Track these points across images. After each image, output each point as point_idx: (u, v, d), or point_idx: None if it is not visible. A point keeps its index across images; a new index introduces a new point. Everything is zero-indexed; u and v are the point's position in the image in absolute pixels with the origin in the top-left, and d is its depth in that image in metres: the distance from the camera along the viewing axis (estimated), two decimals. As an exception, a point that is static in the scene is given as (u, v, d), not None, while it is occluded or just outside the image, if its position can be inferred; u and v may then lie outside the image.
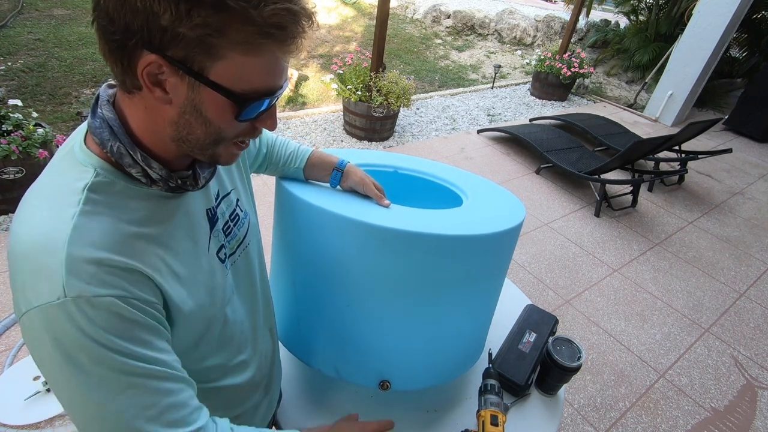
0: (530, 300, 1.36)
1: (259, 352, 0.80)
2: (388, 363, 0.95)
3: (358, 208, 0.86)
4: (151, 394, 0.48)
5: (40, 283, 0.44)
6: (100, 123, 0.50)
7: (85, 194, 0.48)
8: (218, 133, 0.51)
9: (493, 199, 1.08)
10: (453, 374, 1.04)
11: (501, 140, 4.52)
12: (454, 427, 1.01)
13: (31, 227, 0.46)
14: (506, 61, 7.16)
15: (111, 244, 0.47)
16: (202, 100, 0.47)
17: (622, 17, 7.64)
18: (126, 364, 0.46)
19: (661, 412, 2.03)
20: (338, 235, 0.84)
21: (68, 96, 3.89)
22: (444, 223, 0.86)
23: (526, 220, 3.31)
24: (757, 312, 2.74)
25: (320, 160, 0.94)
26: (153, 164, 0.52)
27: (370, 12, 7.28)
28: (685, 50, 5.36)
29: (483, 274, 0.93)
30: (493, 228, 0.87)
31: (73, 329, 0.44)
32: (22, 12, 5.16)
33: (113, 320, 0.45)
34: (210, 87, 0.46)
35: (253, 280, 0.78)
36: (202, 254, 0.60)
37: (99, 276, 0.45)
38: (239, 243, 0.72)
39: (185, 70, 0.45)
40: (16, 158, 2.34)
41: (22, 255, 0.45)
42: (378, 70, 3.87)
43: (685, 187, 4.19)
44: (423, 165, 1.22)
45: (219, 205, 0.67)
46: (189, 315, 0.56)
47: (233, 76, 0.46)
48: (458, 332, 0.98)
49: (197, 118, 0.49)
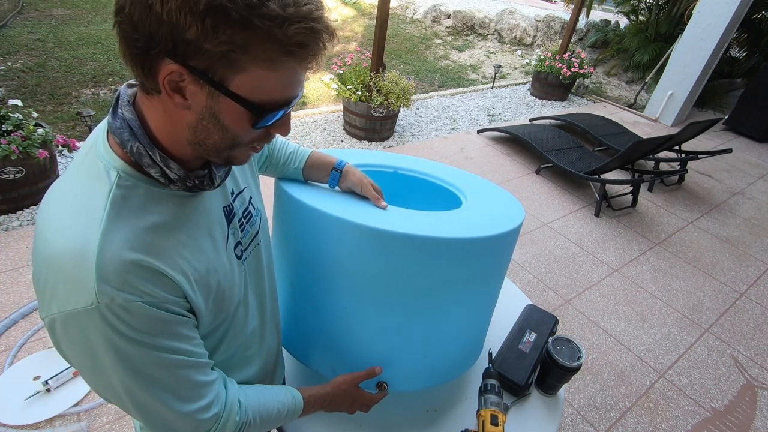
0: (530, 300, 1.36)
1: (265, 348, 0.81)
2: (385, 364, 0.95)
3: (354, 209, 0.86)
4: (179, 380, 0.55)
5: (73, 289, 0.46)
6: (120, 123, 0.51)
7: (110, 199, 0.49)
8: (234, 139, 0.52)
9: (492, 201, 1.07)
10: (451, 375, 1.04)
11: (501, 140, 4.52)
12: (454, 426, 1.01)
13: (59, 233, 0.47)
14: (506, 61, 7.16)
15: (137, 249, 0.49)
16: (220, 109, 0.48)
17: (622, 17, 7.64)
18: (158, 357, 0.51)
19: (661, 412, 2.03)
20: (334, 236, 0.84)
21: (68, 96, 3.89)
22: (441, 225, 0.86)
23: (526, 220, 3.31)
24: (757, 312, 2.74)
25: (319, 160, 0.95)
26: (171, 164, 0.52)
27: (370, 12, 7.28)
28: (685, 50, 5.36)
29: (481, 277, 0.93)
30: (492, 231, 0.87)
31: (106, 331, 0.47)
32: (22, 12, 5.16)
33: (143, 321, 0.49)
34: (230, 97, 0.47)
35: (262, 276, 0.79)
36: (221, 251, 0.62)
37: (128, 281, 0.47)
38: (251, 239, 0.73)
39: (207, 81, 0.45)
40: (16, 158, 2.34)
41: (52, 261, 0.47)
42: (378, 70, 3.87)
43: (685, 187, 4.19)
44: (423, 165, 1.22)
45: (234, 202, 0.68)
46: (205, 312, 0.58)
47: (252, 88, 0.47)
48: (456, 334, 0.98)
49: (215, 125, 0.50)
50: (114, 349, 0.48)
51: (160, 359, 0.51)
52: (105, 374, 0.50)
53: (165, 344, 0.51)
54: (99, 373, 0.50)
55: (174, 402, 0.54)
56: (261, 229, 0.77)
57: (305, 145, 3.85)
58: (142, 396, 0.52)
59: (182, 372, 0.54)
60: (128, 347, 0.48)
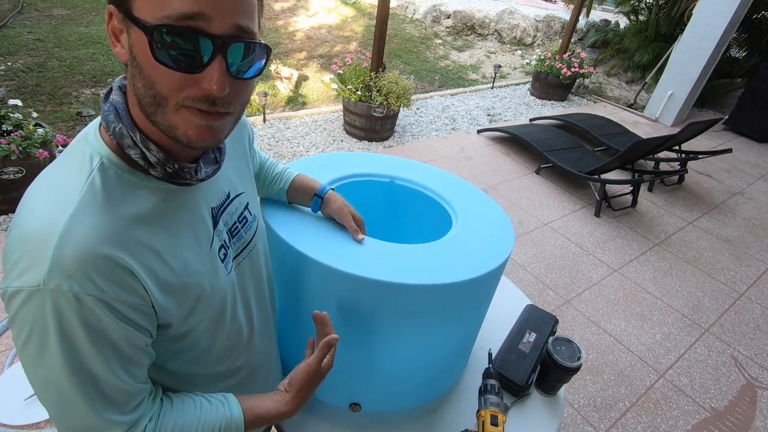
0: (530, 300, 1.36)
1: (255, 356, 0.78)
2: (359, 388, 0.96)
3: (328, 242, 0.86)
4: (107, 387, 0.51)
5: (29, 267, 0.45)
6: (108, 107, 0.52)
7: (87, 183, 0.48)
8: (152, 85, 0.47)
9: (484, 222, 1.05)
10: (428, 398, 1.05)
11: (501, 140, 4.52)
12: (454, 427, 1.01)
13: (32, 212, 0.47)
14: (506, 61, 7.16)
15: (105, 239, 0.47)
16: (133, 43, 0.46)
17: (622, 17, 7.64)
18: (81, 363, 0.48)
19: (661, 412, 2.03)
20: (301, 270, 0.84)
21: (68, 96, 3.89)
22: (416, 266, 0.84)
23: (526, 220, 3.31)
24: (757, 312, 2.74)
25: (303, 184, 0.94)
26: (151, 146, 0.52)
27: (370, 12, 7.28)
28: (685, 50, 5.36)
29: (462, 311, 0.92)
30: (471, 272, 0.84)
31: (42, 316, 0.45)
32: (22, 12, 5.16)
33: (85, 319, 0.46)
34: (133, 23, 0.45)
35: (259, 283, 0.77)
36: (204, 252, 0.60)
37: (83, 271, 0.45)
38: (245, 245, 0.71)
39: (122, 12, 0.45)
40: (16, 158, 2.34)
41: (20, 238, 0.46)
42: (378, 70, 3.87)
43: (685, 187, 4.19)
44: (420, 173, 1.21)
45: (228, 206, 0.67)
46: (177, 313, 0.56)
47: (148, 6, 0.44)
48: (432, 362, 0.98)
49: (135, 67, 0.47)
50: (49, 334, 0.46)
51: (94, 360, 0.48)
52: (30, 353, 0.48)
53: (100, 349, 0.48)
54: (27, 355, 0.48)
55: (91, 401, 0.50)
56: (257, 235, 0.76)
57: (305, 146, 3.87)
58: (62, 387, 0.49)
59: (111, 381, 0.50)
60: (64, 336, 0.46)
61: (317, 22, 6.69)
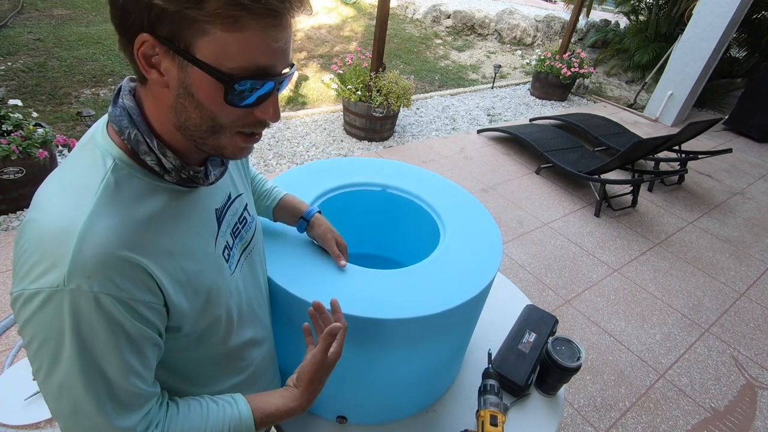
0: (530, 300, 1.36)
1: (257, 356, 0.79)
2: (345, 401, 0.96)
3: (309, 271, 0.86)
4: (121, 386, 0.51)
5: (47, 268, 0.45)
6: (120, 111, 0.52)
7: (103, 184, 0.49)
8: (213, 119, 0.50)
9: (472, 235, 1.04)
10: (416, 410, 1.05)
11: (501, 140, 4.52)
12: (454, 427, 1.01)
13: (47, 213, 0.47)
14: (506, 61, 7.16)
15: (122, 239, 0.48)
16: (192, 82, 0.47)
17: (622, 17, 7.64)
18: (96, 366, 0.48)
19: (661, 412, 2.03)
20: (280, 299, 0.85)
21: (68, 96, 3.89)
22: (395, 295, 0.83)
23: (526, 220, 3.31)
24: (757, 312, 2.74)
25: (290, 205, 0.95)
26: (167, 153, 0.52)
27: (370, 12, 7.28)
28: (685, 50, 5.36)
29: (450, 331, 0.92)
30: (456, 298, 0.84)
31: (60, 318, 0.45)
32: (22, 12, 5.16)
33: (103, 319, 0.47)
34: (196, 65, 0.46)
35: (259, 282, 0.78)
36: (209, 252, 0.61)
37: (102, 271, 0.46)
38: (245, 245, 0.72)
39: (173, 48, 0.45)
40: (16, 158, 2.34)
41: (35, 239, 0.46)
42: (378, 70, 3.87)
43: (685, 187, 4.18)
44: (413, 180, 1.20)
45: (230, 207, 0.68)
46: (189, 313, 0.56)
47: (218, 54, 0.46)
48: (419, 379, 0.98)
49: (191, 102, 0.49)
50: (65, 337, 0.46)
51: (109, 361, 0.49)
52: (45, 358, 0.47)
53: (116, 350, 0.49)
54: (41, 361, 0.48)
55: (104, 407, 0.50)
56: (256, 236, 0.77)
57: (305, 145, 3.87)
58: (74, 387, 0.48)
59: (124, 385, 0.51)
60: (81, 338, 0.46)
61: (317, 22, 6.69)
